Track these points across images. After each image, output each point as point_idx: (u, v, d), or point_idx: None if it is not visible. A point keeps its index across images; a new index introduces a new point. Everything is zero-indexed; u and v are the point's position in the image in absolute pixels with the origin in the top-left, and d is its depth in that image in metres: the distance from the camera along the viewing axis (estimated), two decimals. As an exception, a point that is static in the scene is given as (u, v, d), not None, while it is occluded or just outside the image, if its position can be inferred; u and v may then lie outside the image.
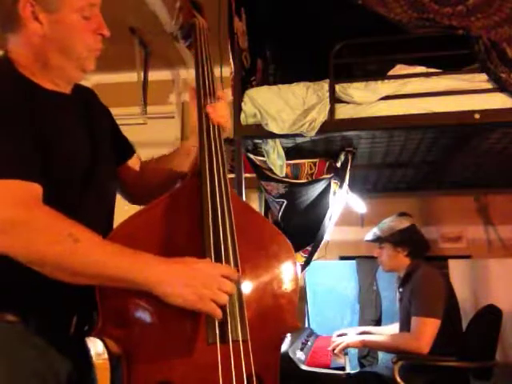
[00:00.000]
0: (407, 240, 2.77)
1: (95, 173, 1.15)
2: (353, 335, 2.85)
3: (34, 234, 0.92)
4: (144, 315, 1.02)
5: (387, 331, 2.91)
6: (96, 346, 1.36)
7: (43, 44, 1.11)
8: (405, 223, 2.82)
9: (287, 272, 1.16)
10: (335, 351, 2.72)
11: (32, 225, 0.92)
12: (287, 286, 1.15)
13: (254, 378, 1.03)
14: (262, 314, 1.11)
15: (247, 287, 1.10)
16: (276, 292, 1.14)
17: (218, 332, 0.98)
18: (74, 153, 1.11)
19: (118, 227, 1.09)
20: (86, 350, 1.22)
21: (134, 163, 1.38)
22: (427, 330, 2.48)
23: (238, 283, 1.03)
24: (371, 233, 2.92)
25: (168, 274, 0.96)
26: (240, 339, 1.00)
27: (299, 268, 2.97)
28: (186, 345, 1.02)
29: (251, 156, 2.90)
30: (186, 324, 1.01)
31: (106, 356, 1.13)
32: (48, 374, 1.06)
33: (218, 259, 1.03)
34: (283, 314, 1.15)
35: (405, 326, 2.64)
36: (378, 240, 2.86)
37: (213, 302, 0.97)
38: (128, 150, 1.39)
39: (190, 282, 0.96)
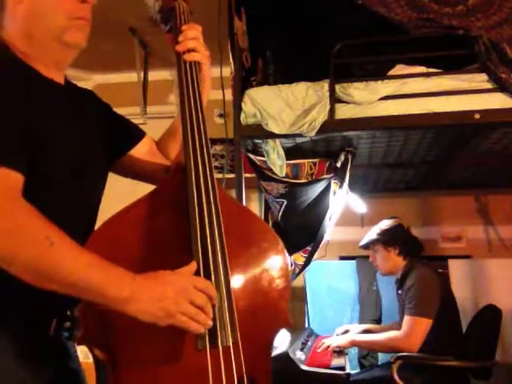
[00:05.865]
0: (396, 238, 2.83)
1: (81, 171, 1.11)
2: (342, 336, 2.90)
3: (8, 229, 0.84)
4: (129, 322, 0.95)
5: (389, 329, 2.92)
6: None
7: (24, 12, 1.08)
8: (392, 223, 2.91)
9: (278, 268, 1.14)
10: (318, 350, 2.76)
11: (7, 219, 0.84)
12: (278, 282, 1.12)
13: (246, 381, 1.01)
14: (253, 312, 1.08)
15: (237, 285, 1.07)
16: (267, 289, 1.11)
17: (207, 339, 0.95)
18: (61, 149, 1.06)
19: (97, 231, 1.03)
20: (69, 353, 1.14)
21: (144, 145, 1.33)
22: (417, 329, 2.51)
23: (227, 285, 0.99)
24: (364, 239, 2.97)
25: (137, 291, 0.90)
26: (230, 344, 0.97)
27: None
28: (174, 350, 0.98)
29: (251, 156, 2.90)
30: (173, 329, 0.96)
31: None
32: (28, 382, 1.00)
33: (205, 260, 0.99)
34: (275, 311, 1.13)
35: (403, 328, 2.65)
36: (370, 243, 2.91)
37: (185, 315, 0.92)
38: (135, 135, 1.34)
39: (159, 297, 0.91)
